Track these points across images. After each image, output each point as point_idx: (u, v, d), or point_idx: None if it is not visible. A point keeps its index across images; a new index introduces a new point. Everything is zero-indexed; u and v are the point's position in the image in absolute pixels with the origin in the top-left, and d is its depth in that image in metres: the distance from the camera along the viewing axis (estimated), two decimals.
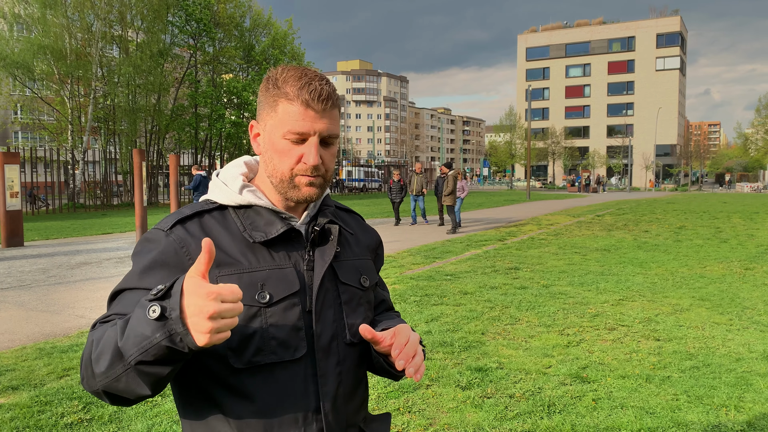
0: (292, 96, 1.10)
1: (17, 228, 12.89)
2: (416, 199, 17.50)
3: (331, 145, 1.15)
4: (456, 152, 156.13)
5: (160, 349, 0.89)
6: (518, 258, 10.70)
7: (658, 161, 74.74)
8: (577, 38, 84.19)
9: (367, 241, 1.33)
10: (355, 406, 1.20)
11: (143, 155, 13.97)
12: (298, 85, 1.10)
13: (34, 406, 3.91)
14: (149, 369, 0.92)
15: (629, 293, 7.60)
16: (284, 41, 36.33)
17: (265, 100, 1.15)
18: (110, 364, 0.94)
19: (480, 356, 4.98)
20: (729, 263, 10.07)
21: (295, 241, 1.16)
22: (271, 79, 1.14)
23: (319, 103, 1.10)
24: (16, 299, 7.35)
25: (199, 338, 0.87)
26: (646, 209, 25.21)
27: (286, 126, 1.11)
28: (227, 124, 33.59)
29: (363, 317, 1.21)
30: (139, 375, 0.93)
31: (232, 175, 1.20)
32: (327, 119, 1.12)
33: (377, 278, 1.32)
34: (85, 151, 29.31)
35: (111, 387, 0.96)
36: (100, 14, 28.91)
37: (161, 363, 0.91)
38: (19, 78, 28.32)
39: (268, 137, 1.15)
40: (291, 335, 1.10)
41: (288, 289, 1.11)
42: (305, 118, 1.10)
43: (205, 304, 0.86)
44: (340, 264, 1.20)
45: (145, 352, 0.89)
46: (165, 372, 0.93)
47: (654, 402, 4.00)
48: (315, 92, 1.10)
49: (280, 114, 1.11)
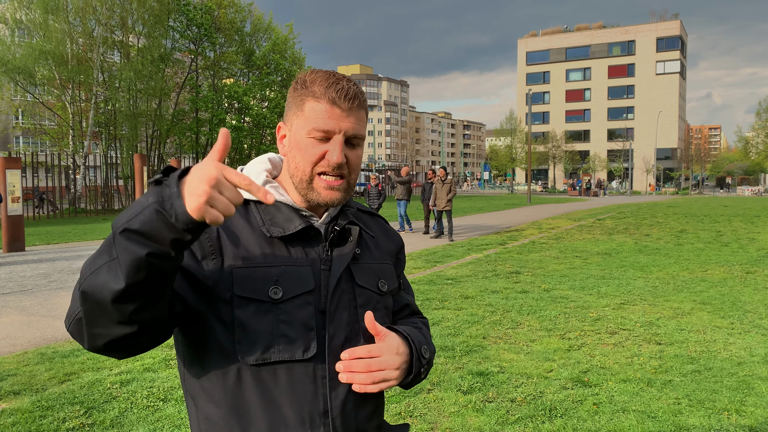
0: (319, 94, 1.10)
1: (18, 233, 12.90)
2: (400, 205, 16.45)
3: (356, 147, 1.14)
4: (456, 156, 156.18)
5: (150, 213, 0.83)
6: (519, 262, 10.70)
7: (658, 165, 74.75)
8: (577, 42, 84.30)
9: (389, 245, 1.31)
10: (367, 412, 1.18)
11: (144, 160, 14.02)
12: (326, 84, 1.11)
13: (35, 411, 3.91)
14: (130, 242, 0.84)
15: (630, 297, 7.59)
16: (285, 46, 36.38)
17: (293, 101, 1.15)
18: (99, 254, 0.90)
19: (481, 360, 4.98)
20: (730, 267, 10.06)
21: (313, 239, 1.15)
22: (300, 81, 1.15)
23: (346, 101, 1.10)
24: (18, 304, 7.35)
25: (190, 201, 0.82)
26: (647, 213, 25.19)
27: (311, 123, 1.10)
28: (228, 128, 33.62)
29: (380, 322, 1.19)
30: (120, 252, 0.86)
31: (256, 171, 1.19)
32: (353, 118, 1.12)
33: (397, 283, 1.30)
34: (86, 156, 29.35)
35: (92, 282, 0.89)
36: (102, 19, 29.00)
37: (145, 236, 0.84)
38: (21, 83, 28.39)
39: (294, 137, 1.14)
40: (302, 334, 1.09)
41: (302, 287, 1.10)
42: (331, 115, 1.10)
43: (208, 170, 0.83)
44: (359, 266, 1.19)
45: (134, 218, 0.84)
46: (143, 252, 0.84)
47: (655, 406, 3.99)
48: (342, 91, 1.10)
49: (307, 112, 1.11)
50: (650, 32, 79.53)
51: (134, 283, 0.87)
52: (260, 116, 34.06)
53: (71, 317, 0.97)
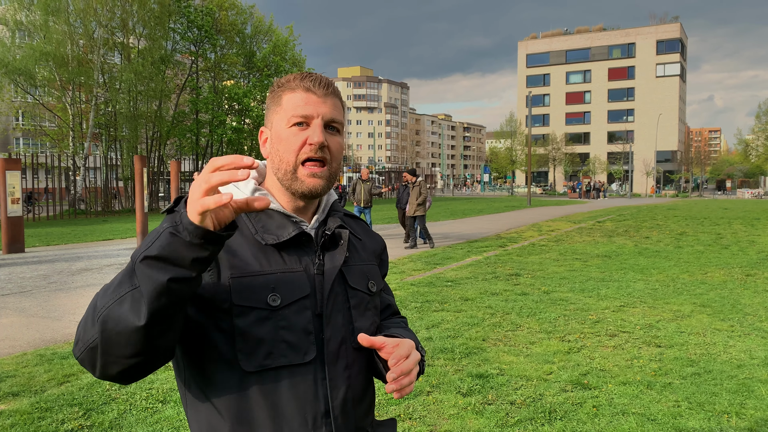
0: (294, 86, 1.16)
1: (18, 234, 12.90)
2: (362, 211, 14.07)
3: (336, 133, 1.17)
4: (457, 158, 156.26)
5: (165, 238, 0.88)
6: (519, 264, 10.69)
7: (658, 167, 74.76)
8: (577, 45, 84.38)
9: (373, 246, 1.34)
10: (363, 409, 1.21)
11: (144, 161, 14.00)
12: (300, 77, 1.17)
13: (34, 412, 3.90)
14: (151, 268, 0.88)
15: (630, 299, 7.59)
16: (285, 48, 36.43)
17: (271, 102, 1.19)
18: (119, 284, 0.93)
19: (481, 362, 4.97)
20: (730, 269, 10.05)
21: (305, 245, 1.17)
22: (276, 83, 1.20)
23: (321, 88, 1.15)
24: (17, 305, 7.35)
25: (191, 209, 0.87)
26: (647, 215, 25.19)
27: (289, 113, 1.14)
28: (228, 130, 33.66)
29: (370, 322, 1.23)
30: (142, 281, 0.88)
31: None
32: (330, 104, 1.16)
33: (383, 283, 1.34)
34: (86, 158, 29.37)
35: (111, 314, 0.91)
36: (103, 21, 29.05)
37: (164, 260, 0.87)
38: (21, 84, 28.42)
39: (275, 133, 1.17)
40: (301, 339, 1.11)
41: (299, 292, 1.12)
42: (308, 102, 1.14)
43: (197, 181, 0.88)
44: (349, 269, 1.21)
45: (152, 245, 0.88)
46: (164, 277, 0.87)
47: (655, 408, 3.99)
48: (315, 80, 1.16)
49: (284, 104, 1.15)
50: (650, 35, 79.63)
51: (157, 311, 0.89)
52: (260, 118, 34.06)
53: (84, 346, 0.97)
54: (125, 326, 0.91)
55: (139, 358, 0.95)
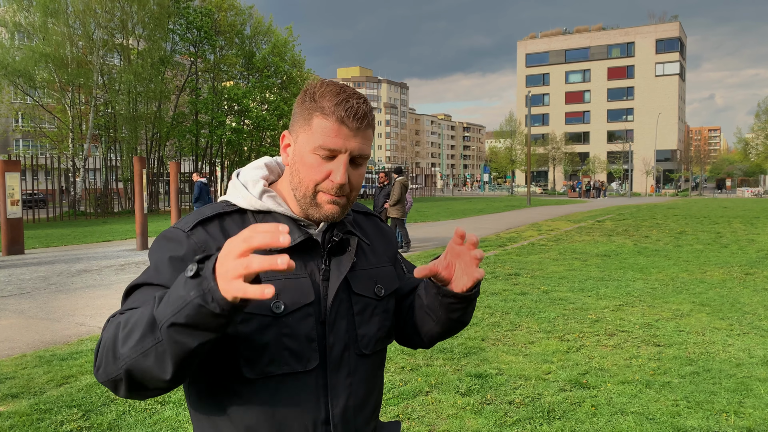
0: (328, 111, 1.09)
1: (18, 236, 12.90)
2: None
3: (360, 166, 1.14)
4: (456, 158, 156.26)
5: (193, 308, 0.85)
6: (518, 264, 10.69)
7: (658, 166, 74.80)
8: (576, 44, 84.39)
9: (385, 246, 1.31)
10: (365, 416, 1.19)
11: (144, 162, 14.01)
12: (335, 101, 1.09)
13: (33, 413, 3.90)
14: (180, 335, 0.87)
15: (629, 299, 7.59)
16: (284, 48, 36.42)
17: (300, 113, 1.13)
18: (141, 336, 0.91)
19: (480, 362, 4.98)
20: (729, 268, 10.06)
21: (312, 250, 1.15)
22: (309, 93, 1.12)
23: (354, 121, 1.09)
24: (17, 307, 7.35)
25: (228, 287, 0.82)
26: (647, 214, 25.20)
27: (317, 141, 1.09)
28: (228, 131, 33.65)
29: (378, 327, 1.20)
30: (169, 345, 0.88)
31: (253, 179, 1.19)
32: (360, 138, 1.11)
33: (397, 284, 1.29)
34: (86, 159, 29.36)
35: (137, 365, 0.92)
36: (102, 22, 29.04)
37: (192, 327, 0.87)
38: (21, 86, 28.40)
39: (298, 150, 1.13)
40: (304, 346, 1.09)
41: (303, 299, 1.10)
42: (338, 134, 1.08)
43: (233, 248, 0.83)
44: (355, 274, 1.19)
45: (179, 312, 0.86)
46: (194, 344, 0.88)
47: (654, 408, 3.99)
48: (351, 110, 1.09)
49: (314, 128, 1.10)
50: (649, 34, 79.64)
51: (182, 367, 0.92)
52: (260, 118, 34.08)
53: (107, 378, 0.97)
54: (151, 377, 0.93)
55: (163, 391, 0.99)
